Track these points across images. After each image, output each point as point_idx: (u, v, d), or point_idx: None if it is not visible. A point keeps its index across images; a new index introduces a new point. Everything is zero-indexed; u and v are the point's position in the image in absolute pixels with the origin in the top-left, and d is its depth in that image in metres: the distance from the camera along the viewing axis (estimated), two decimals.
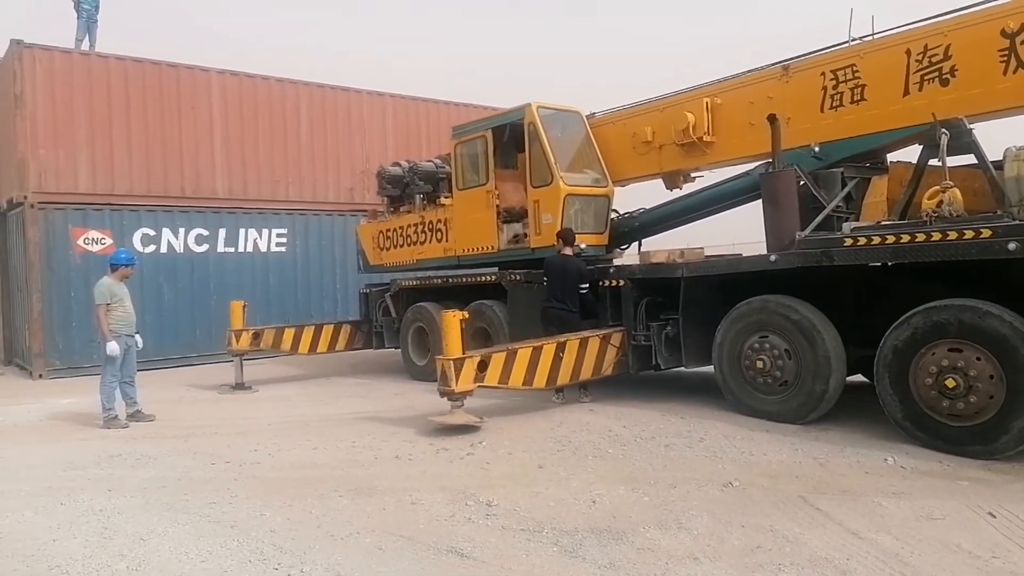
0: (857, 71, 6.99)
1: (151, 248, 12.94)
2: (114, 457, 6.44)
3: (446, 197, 10.28)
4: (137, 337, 8.19)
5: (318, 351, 11.31)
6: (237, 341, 10.18)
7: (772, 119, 6.92)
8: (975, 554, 3.79)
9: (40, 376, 11.87)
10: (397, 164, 11.39)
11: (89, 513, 4.92)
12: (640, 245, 9.53)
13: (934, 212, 5.80)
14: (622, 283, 7.96)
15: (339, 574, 3.81)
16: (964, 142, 6.05)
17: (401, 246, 11.13)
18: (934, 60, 6.49)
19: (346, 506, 4.90)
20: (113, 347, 7.74)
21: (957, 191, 5.82)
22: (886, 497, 4.65)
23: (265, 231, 14.29)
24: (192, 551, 4.19)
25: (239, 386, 10.03)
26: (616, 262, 9.30)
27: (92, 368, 10.50)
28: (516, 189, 9.40)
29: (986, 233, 5.35)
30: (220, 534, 4.45)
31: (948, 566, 3.67)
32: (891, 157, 7.39)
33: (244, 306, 10.45)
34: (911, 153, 6.78)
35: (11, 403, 9.62)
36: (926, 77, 6.56)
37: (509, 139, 9.47)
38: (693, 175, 8.96)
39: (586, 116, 9.40)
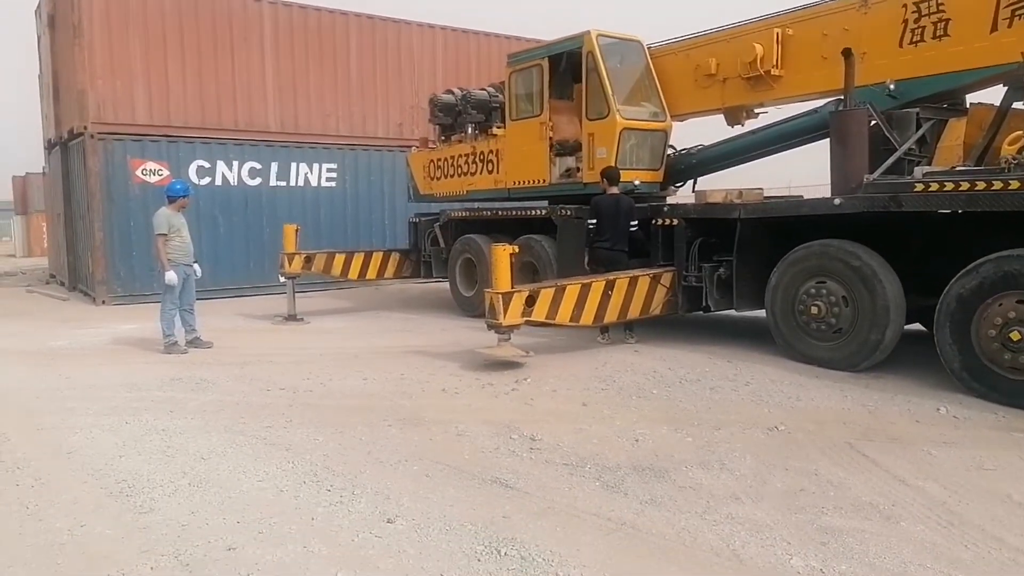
0: (942, 3, 6.55)
1: (206, 180, 13.17)
2: (174, 381, 6.72)
3: (498, 127, 10.14)
4: (196, 267, 8.43)
5: (367, 278, 11.51)
6: (289, 264, 10.36)
7: (847, 53, 6.57)
8: None
9: (103, 302, 12.36)
10: (450, 92, 11.24)
11: (152, 432, 5.17)
12: (695, 184, 9.31)
13: (1014, 159, 5.51)
14: (675, 222, 7.81)
15: (388, 497, 3.95)
16: None
17: (452, 176, 11.08)
18: None
19: (394, 435, 5.04)
20: (171, 276, 7.97)
21: None
22: (936, 446, 4.58)
23: (316, 165, 14.38)
24: (250, 470, 4.39)
25: (291, 317, 10.28)
26: (670, 200, 9.12)
27: (152, 295, 10.91)
28: (571, 121, 9.21)
29: None
30: (276, 456, 4.64)
31: (997, 516, 3.61)
32: (971, 98, 6.98)
33: (297, 230, 10.58)
34: (994, 95, 6.39)
35: (77, 327, 10.08)
36: (1017, 12, 6.11)
37: (566, 68, 9.25)
38: (757, 111, 8.61)
39: (647, 46, 9.07)
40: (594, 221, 7.95)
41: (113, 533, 3.59)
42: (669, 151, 9.04)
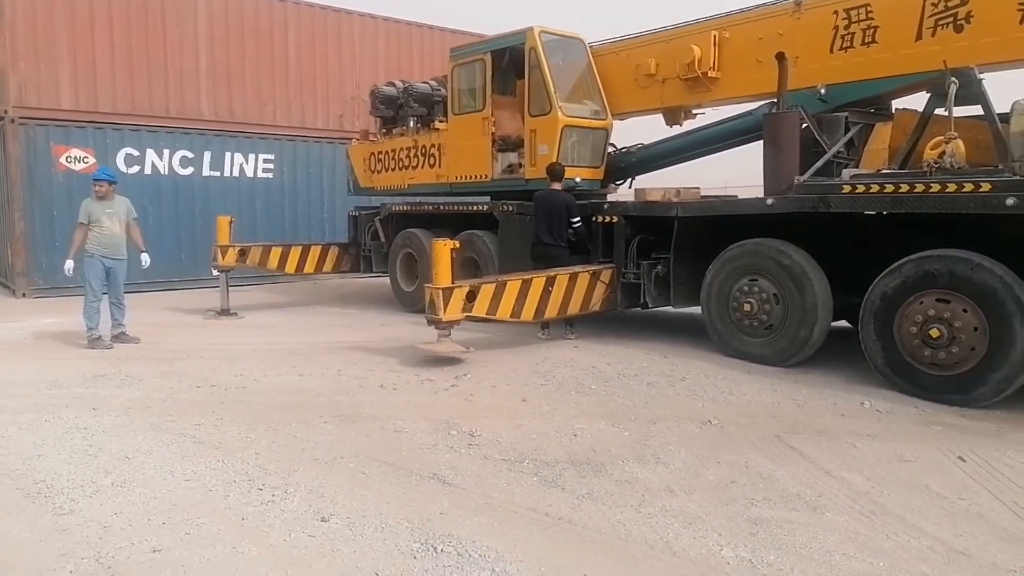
0: (871, 11, 6.79)
1: (135, 169, 12.66)
2: (98, 377, 6.44)
3: (441, 121, 10.07)
4: (144, 256, 8.19)
5: (304, 271, 11.28)
6: (223, 257, 10.04)
7: (780, 57, 6.76)
8: (943, 495, 3.90)
9: (23, 295, 11.79)
10: (391, 84, 11.11)
11: (74, 431, 4.95)
12: (633, 182, 9.44)
13: (935, 163, 5.75)
14: (615, 220, 7.90)
15: (323, 495, 3.87)
16: (973, 92, 5.92)
17: (393, 169, 10.96)
18: (950, 4, 6.31)
19: (330, 432, 4.95)
20: (67, 266, 7.81)
21: (960, 143, 5.75)
22: (860, 439, 4.75)
23: (252, 156, 13.99)
24: (177, 470, 4.24)
25: (224, 312, 9.99)
26: (610, 198, 9.22)
27: (77, 288, 10.38)
28: (513, 117, 9.22)
29: (986, 187, 5.31)
30: (205, 455, 4.49)
31: (916, 506, 3.77)
32: (897, 104, 7.27)
33: (231, 221, 10.27)
34: (917, 101, 6.67)
35: None
36: (940, 22, 6.39)
37: (508, 64, 9.24)
38: (695, 112, 8.78)
39: (589, 44, 9.13)
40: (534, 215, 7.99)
41: (30, 536, 3.42)
42: (610, 149, 9.14)
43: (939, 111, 6.18)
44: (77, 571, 3.10)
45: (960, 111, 6.09)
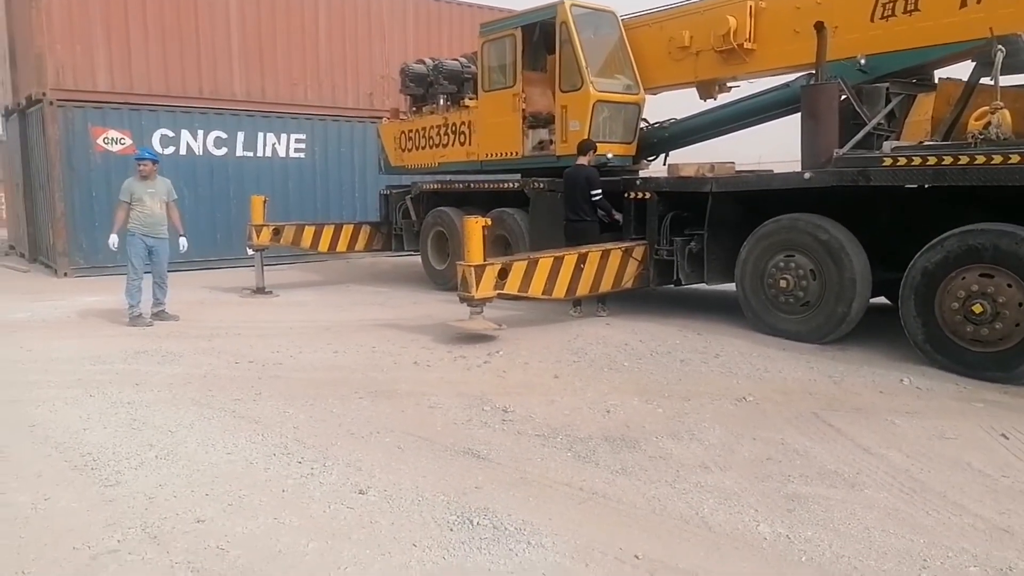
0: None
1: (170, 150, 12.81)
2: (140, 353, 6.59)
3: (471, 98, 10.02)
4: (182, 240, 8.34)
5: (337, 250, 11.39)
6: (257, 236, 10.18)
7: (819, 27, 6.58)
8: (985, 472, 3.83)
9: (65, 274, 12.06)
10: (421, 62, 11.07)
11: (118, 405, 5.08)
12: (667, 157, 9.31)
13: (980, 134, 5.58)
14: (647, 196, 7.82)
15: (360, 469, 3.93)
16: (1019, 60, 5.73)
17: (423, 148, 10.94)
18: None
19: (366, 407, 5.02)
20: (112, 240, 7.97)
21: (1007, 112, 5.56)
22: (899, 416, 4.68)
23: (284, 136, 14.09)
24: (218, 443, 4.34)
25: (260, 290, 10.14)
26: (642, 174, 9.12)
27: (117, 267, 10.64)
28: (544, 93, 9.13)
29: None
30: (245, 429, 4.59)
31: (957, 483, 3.71)
32: (940, 73, 7.05)
33: (265, 201, 10.40)
34: (962, 70, 6.46)
35: (38, 300, 9.83)
36: None
37: (539, 39, 9.14)
38: (730, 85, 8.62)
39: (621, 17, 8.99)
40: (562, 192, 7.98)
41: (78, 506, 3.53)
42: (642, 124, 9.01)
43: (984, 80, 5.98)
44: (124, 540, 3.19)
45: (1007, 80, 5.89)
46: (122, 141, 12.36)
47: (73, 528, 3.30)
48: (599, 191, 7.78)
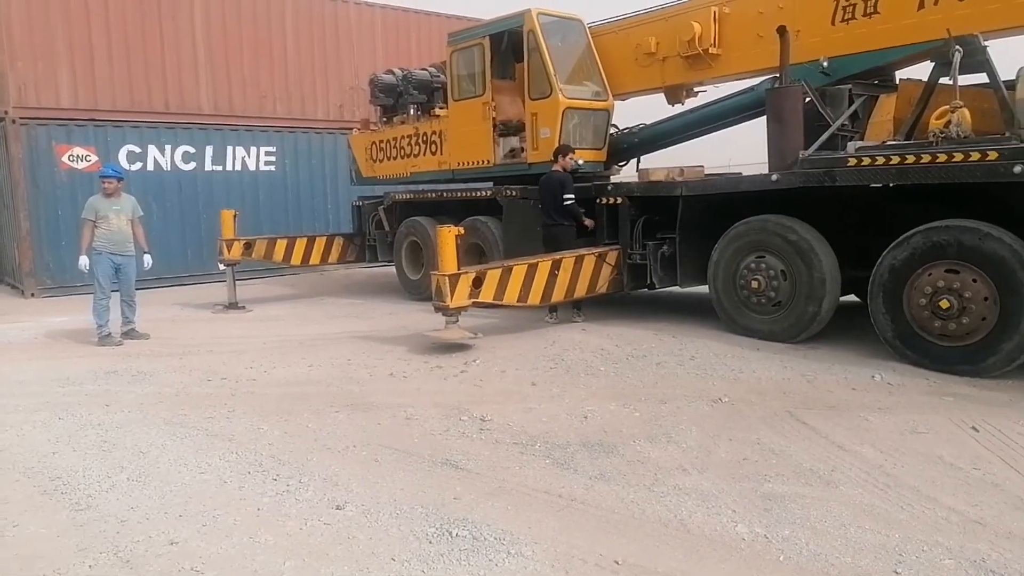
0: None
1: (138, 165, 12.64)
2: (110, 373, 6.48)
3: (441, 108, 10.02)
4: (146, 257, 8.22)
5: (310, 263, 11.32)
6: (228, 251, 10.08)
7: (782, 31, 6.69)
8: (957, 466, 3.89)
9: (32, 295, 11.82)
10: (391, 72, 11.04)
11: (87, 427, 4.98)
12: (639, 162, 9.38)
13: (941, 132, 5.70)
14: (619, 201, 7.87)
15: (337, 484, 3.89)
16: (977, 60, 5.84)
17: (395, 158, 10.92)
18: None
19: (342, 421, 4.97)
20: (82, 262, 7.82)
21: (966, 111, 5.69)
22: (871, 412, 4.75)
23: (253, 149, 13.97)
24: (191, 463, 4.27)
25: (232, 305, 10.02)
26: (614, 179, 9.17)
27: (85, 287, 10.40)
28: (513, 101, 9.17)
29: (993, 155, 5.27)
30: (218, 447, 4.52)
31: (930, 477, 3.77)
32: (901, 74, 7.19)
33: (235, 215, 10.30)
34: (922, 71, 6.60)
35: (4, 321, 9.61)
36: None
37: (507, 48, 9.18)
38: (696, 89, 8.71)
39: (587, 25, 9.05)
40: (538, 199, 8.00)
41: (48, 532, 3.45)
42: (612, 130, 9.08)
43: (944, 80, 6.10)
44: (96, 565, 3.13)
45: (965, 79, 6.02)
46: (88, 158, 12.16)
47: (43, 555, 3.22)
48: (572, 196, 7.81)
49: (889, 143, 6.27)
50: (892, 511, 3.41)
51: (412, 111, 10.57)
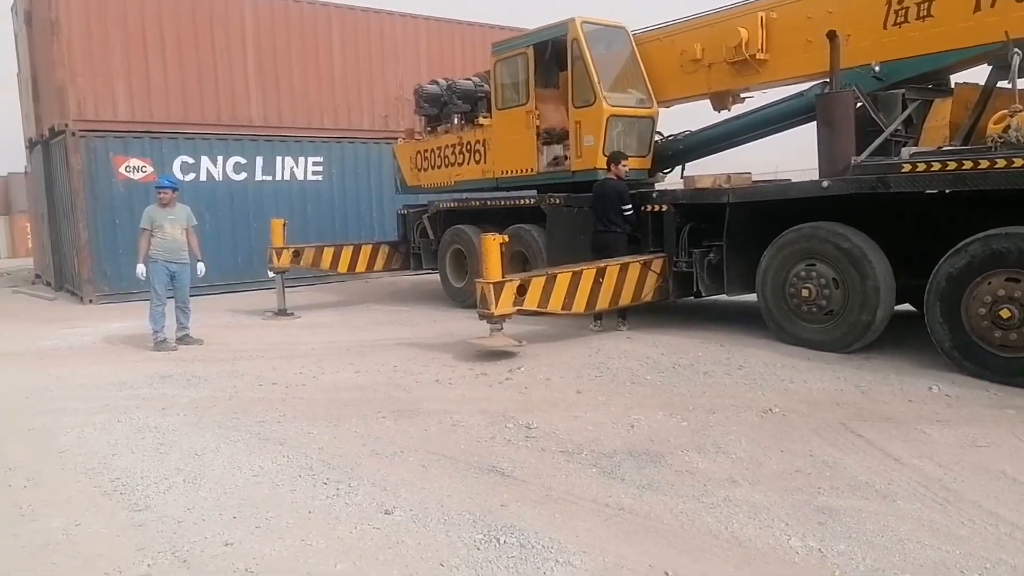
0: None
1: (191, 176, 13.04)
2: (166, 378, 6.66)
3: (485, 117, 10.09)
4: (200, 265, 8.43)
5: (356, 270, 11.52)
6: (278, 258, 10.32)
7: (831, 35, 6.56)
8: (1020, 480, 3.76)
9: (90, 301, 12.25)
10: (435, 82, 11.17)
11: (145, 430, 5.13)
12: (684, 169, 9.30)
13: (1000, 137, 5.53)
14: (665, 208, 7.81)
15: (385, 489, 3.94)
16: None
17: (439, 167, 11.03)
18: None
19: (389, 427, 5.03)
20: (139, 269, 8.08)
21: None
22: (929, 424, 4.61)
23: (301, 159, 14.29)
24: (244, 466, 4.36)
25: (281, 312, 10.22)
26: (659, 186, 9.11)
27: (141, 293, 10.77)
28: (557, 109, 9.18)
29: None
30: (270, 450, 4.61)
31: (991, 491, 3.64)
32: (956, 78, 7.00)
33: (284, 224, 10.56)
34: (978, 74, 6.41)
35: (65, 327, 9.98)
36: None
37: (551, 56, 9.20)
38: (743, 96, 8.60)
39: (631, 32, 9.03)
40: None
41: (108, 531, 3.56)
42: (656, 137, 9.02)
43: (1002, 83, 5.94)
44: (155, 564, 3.21)
45: None
46: (143, 169, 12.58)
47: (103, 553, 3.32)
48: (630, 206, 7.80)
49: (945, 148, 6.11)
50: (952, 526, 3.30)
51: (456, 120, 10.66)
